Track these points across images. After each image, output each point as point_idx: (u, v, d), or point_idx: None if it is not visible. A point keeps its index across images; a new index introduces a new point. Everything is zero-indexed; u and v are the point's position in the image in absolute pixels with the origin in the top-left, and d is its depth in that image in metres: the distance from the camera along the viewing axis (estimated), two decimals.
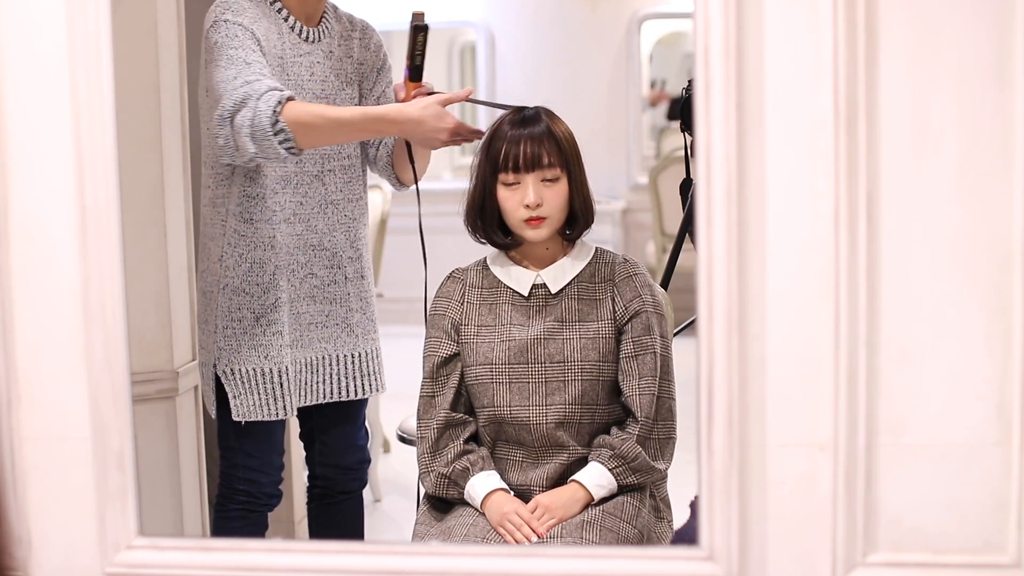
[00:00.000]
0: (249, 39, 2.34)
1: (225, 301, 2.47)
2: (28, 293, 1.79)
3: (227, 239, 2.47)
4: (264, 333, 2.47)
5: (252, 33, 2.35)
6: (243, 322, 2.47)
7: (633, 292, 2.36)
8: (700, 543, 1.71)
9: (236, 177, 2.45)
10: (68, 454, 1.82)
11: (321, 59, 2.51)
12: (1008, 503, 1.67)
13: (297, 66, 2.47)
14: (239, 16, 2.36)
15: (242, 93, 2.26)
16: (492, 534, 2.25)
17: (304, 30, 2.49)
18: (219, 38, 2.33)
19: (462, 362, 2.38)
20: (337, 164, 2.55)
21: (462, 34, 7.60)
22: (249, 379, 2.47)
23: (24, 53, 1.77)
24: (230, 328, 2.47)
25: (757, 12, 1.63)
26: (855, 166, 1.63)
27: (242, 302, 2.47)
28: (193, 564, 1.82)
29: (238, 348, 2.47)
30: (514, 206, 2.32)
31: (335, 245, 2.56)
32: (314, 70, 2.50)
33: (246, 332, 2.47)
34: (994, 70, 1.61)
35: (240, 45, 2.32)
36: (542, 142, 2.30)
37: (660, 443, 2.32)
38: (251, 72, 2.29)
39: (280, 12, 2.47)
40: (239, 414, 2.48)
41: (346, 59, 2.56)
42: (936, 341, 1.66)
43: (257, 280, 2.47)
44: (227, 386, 2.47)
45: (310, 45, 2.49)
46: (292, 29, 2.47)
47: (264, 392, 2.48)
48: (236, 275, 2.47)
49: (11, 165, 1.78)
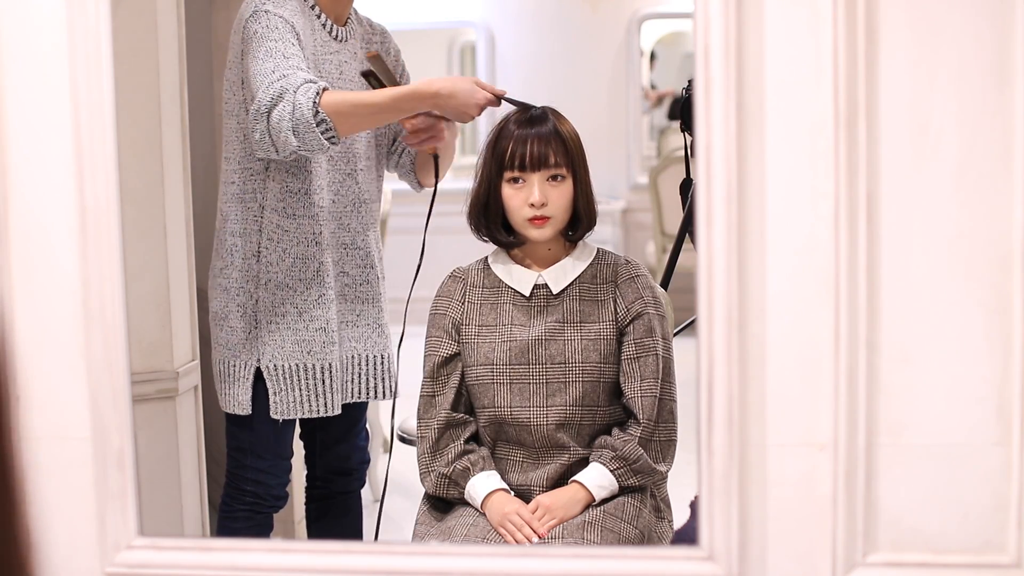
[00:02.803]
0: (288, 32, 2.33)
1: (268, 296, 2.46)
2: (28, 293, 1.79)
3: (265, 234, 2.45)
4: (307, 328, 2.46)
5: (292, 26, 2.34)
6: (287, 317, 2.46)
7: (635, 294, 2.36)
8: (700, 543, 1.71)
9: (273, 172, 2.44)
10: (68, 454, 1.82)
11: (348, 59, 2.52)
12: (1008, 503, 1.66)
13: (328, 64, 2.47)
14: (280, 7, 2.35)
15: (279, 87, 2.25)
16: (492, 534, 2.25)
17: (335, 29, 2.49)
18: (259, 28, 2.32)
19: (463, 362, 2.38)
20: (366, 164, 2.55)
21: (462, 34, 7.60)
22: (292, 375, 2.46)
23: (24, 53, 1.77)
24: (273, 323, 2.46)
25: (757, 12, 1.62)
26: (855, 166, 1.63)
27: (285, 296, 2.46)
28: (193, 564, 1.82)
29: (281, 344, 2.46)
30: (519, 204, 2.32)
31: (367, 244, 2.56)
32: (343, 69, 2.50)
33: (289, 327, 2.46)
34: (994, 70, 1.61)
35: (279, 37, 2.31)
36: (549, 142, 2.30)
37: (662, 445, 2.32)
38: (288, 65, 2.28)
39: (314, 9, 2.47)
40: (277, 411, 2.46)
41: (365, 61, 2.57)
42: (936, 341, 1.66)
43: (301, 276, 2.46)
44: (269, 382, 2.45)
45: (339, 44, 2.50)
46: (324, 26, 2.47)
47: (307, 388, 2.47)
48: (279, 270, 2.45)
49: (11, 165, 1.78)
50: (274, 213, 2.45)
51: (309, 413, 2.48)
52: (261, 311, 2.46)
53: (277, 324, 2.46)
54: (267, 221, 2.45)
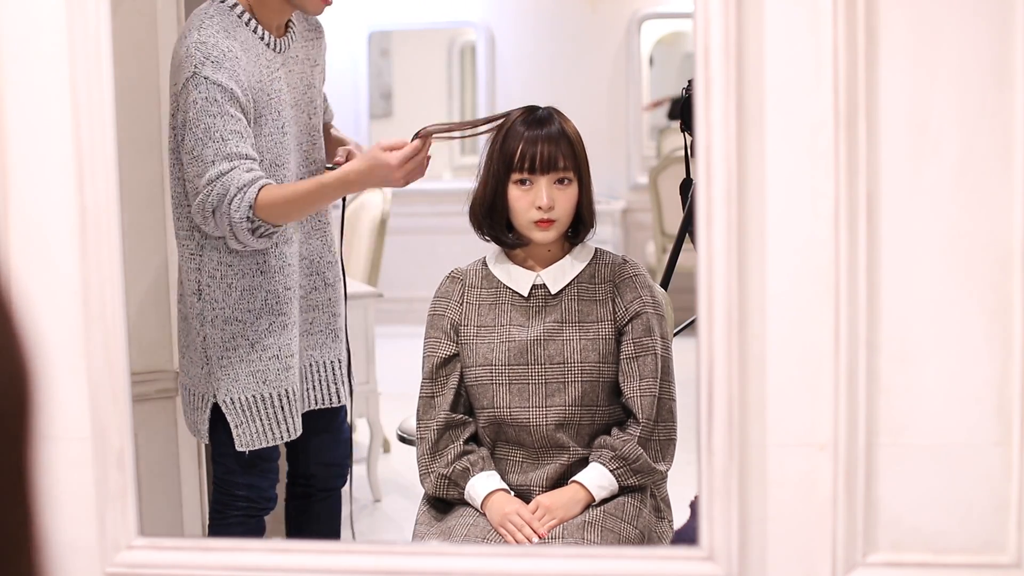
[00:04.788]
0: (228, 102, 2.29)
1: (216, 332, 2.42)
2: (28, 293, 1.79)
3: (206, 272, 2.41)
4: (260, 359, 2.43)
5: (231, 93, 2.29)
6: (238, 350, 2.43)
7: (633, 293, 2.35)
8: (700, 543, 1.71)
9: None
10: (68, 454, 1.82)
11: (292, 67, 2.47)
12: (1008, 503, 1.67)
13: (274, 82, 2.41)
14: (218, 70, 2.28)
15: (217, 195, 2.27)
16: (492, 534, 2.25)
17: (274, 41, 2.43)
18: (198, 98, 2.27)
19: (461, 363, 2.37)
20: (306, 171, 2.51)
21: (462, 34, 7.60)
22: (249, 407, 2.43)
23: (24, 53, 1.77)
24: (225, 358, 2.43)
25: (757, 12, 1.63)
26: (855, 166, 1.63)
27: (235, 330, 2.42)
28: (193, 564, 1.82)
29: (236, 377, 2.43)
30: (525, 207, 2.31)
31: (312, 252, 2.53)
32: (289, 79, 2.45)
33: (242, 360, 2.43)
34: (994, 70, 1.61)
35: (219, 112, 2.28)
36: (558, 144, 2.30)
37: (661, 444, 2.32)
38: (228, 149, 2.27)
39: (255, 31, 2.39)
40: (242, 444, 2.44)
41: (307, 61, 2.52)
42: (936, 341, 1.66)
43: (249, 307, 2.43)
44: (228, 416, 2.43)
45: (279, 55, 2.44)
46: (262, 40, 2.40)
47: (267, 418, 2.45)
48: (226, 305, 2.42)
49: (11, 165, 1.78)
50: (214, 251, 2.41)
51: (273, 441, 2.47)
52: (211, 347, 2.43)
53: (229, 358, 2.43)
54: (206, 260, 2.41)
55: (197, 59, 2.29)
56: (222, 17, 2.35)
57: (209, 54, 2.29)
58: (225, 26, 2.35)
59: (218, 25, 2.34)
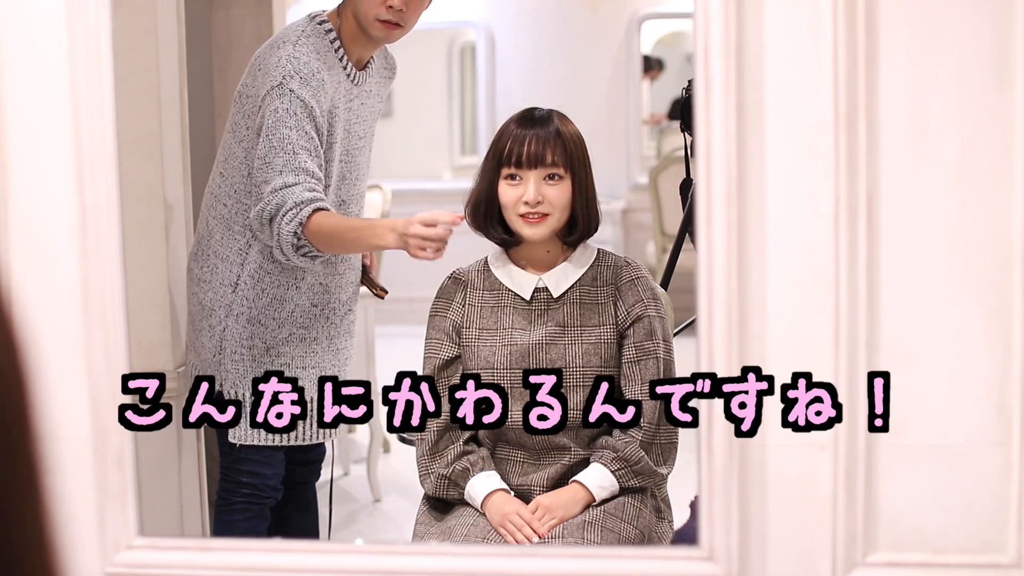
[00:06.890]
0: (306, 119, 2.36)
1: (238, 328, 2.49)
2: (28, 293, 1.79)
3: (247, 270, 2.48)
4: (272, 364, 2.50)
5: (311, 111, 2.37)
6: (253, 350, 2.50)
7: (635, 297, 2.35)
8: (700, 543, 1.71)
9: None
10: (68, 454, 1.82)
11: (364, 100, 2.56)
12: (1008, 503, 1.66)
13: (348, 112, 2.50)
14: (304, 86, 2.36)
15: (275, 204, 2.33)
16: (492, 534, 2.25)
17: (355, 73, 2.52)
18: (279, 107, 2.35)
19: (463, 365, 2.37)
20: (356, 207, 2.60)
21: (462, 34, 7.60)
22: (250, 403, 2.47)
23: (24, 53, 1.77)
24: (238, 354, 2.49)
25: (757, 12, 1.63)
26: (855, 166, 1.63)
27: (255, 332, 2.49)
28: (193, 564, 1.82)
29: (244, 373, 2.49)
30: (513, 201, 2.31)
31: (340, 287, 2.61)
32: (360, 112, 2.55)
33: (255, 360, 2.50)
34: (994, 70, 1.61)
35: (296, 125, 2.35)
36: (548, 141, 2.30)
37: (663, 448, 2.32)
38: (297, 163, 2.33)
39: (341, 59, 2.48)
40: (235, 436, 2.50)
41: (376, 97, 2.62)
42: (936, 341, 1.66)
43: (275, 315, 2.50)
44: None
45: (357, 88, 2.53)
46: (346, 72, 2.49)
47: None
48: (255, 307, 2.49)
49: (11, 165, 1.78)
50: (260, 254, 2.47)
51: (264, 441, 2.51)
52: (228, 340, 2.49)
53: (243, 356, 2.50)
54: (251, 259, 2.48)
55: (287, 71, 2.37)
56: (317, 39, 2.45)
57: (300, 69, 2.38)
58: (318, 48, 2.44)
59: (312, 45, 2.43)
